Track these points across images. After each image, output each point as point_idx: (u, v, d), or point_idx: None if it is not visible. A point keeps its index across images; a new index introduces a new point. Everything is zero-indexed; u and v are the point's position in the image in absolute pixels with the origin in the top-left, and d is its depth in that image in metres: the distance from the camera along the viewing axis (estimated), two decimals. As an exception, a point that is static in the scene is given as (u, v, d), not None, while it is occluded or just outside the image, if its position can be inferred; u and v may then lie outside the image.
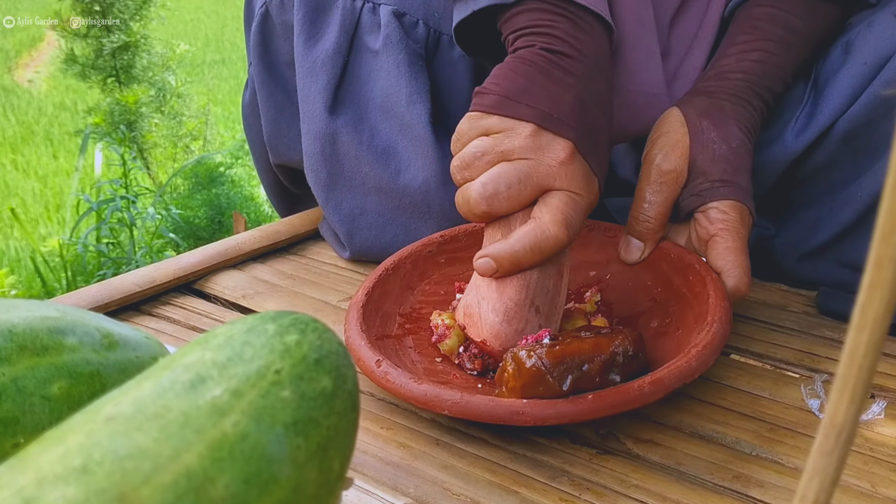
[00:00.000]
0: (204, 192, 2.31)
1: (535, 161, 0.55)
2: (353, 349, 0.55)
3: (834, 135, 0.66)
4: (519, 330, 0.56)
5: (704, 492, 0.47)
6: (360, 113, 0.73)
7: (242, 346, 0.30)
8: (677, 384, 0.49)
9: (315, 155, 0.74)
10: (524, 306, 0.56)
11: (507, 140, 0.55)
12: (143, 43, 2.58)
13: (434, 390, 0.50)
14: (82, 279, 2.08)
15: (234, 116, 3.96)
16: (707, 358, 0.51)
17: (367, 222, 0.74)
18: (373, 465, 0.49)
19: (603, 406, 0.48)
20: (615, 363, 0.51)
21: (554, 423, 0.48)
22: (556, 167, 0.55)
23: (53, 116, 4.24)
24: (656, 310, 0.61)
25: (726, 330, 0.53)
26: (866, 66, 0.64)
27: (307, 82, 0.74)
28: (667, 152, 0.61)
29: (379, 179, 0.72)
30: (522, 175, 0.55)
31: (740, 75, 0.65)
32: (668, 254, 0.62)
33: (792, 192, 0.71)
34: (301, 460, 0.28)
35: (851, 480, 0.48)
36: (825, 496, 0.20)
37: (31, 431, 0.34)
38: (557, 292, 0.57)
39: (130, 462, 0.24)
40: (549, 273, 0.56)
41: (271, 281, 0.75)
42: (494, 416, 0.48)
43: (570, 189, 0.55)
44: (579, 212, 0.55)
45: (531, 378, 0.49)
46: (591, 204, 0.57)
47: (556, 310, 0.57)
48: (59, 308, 0.39)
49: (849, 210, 0.65)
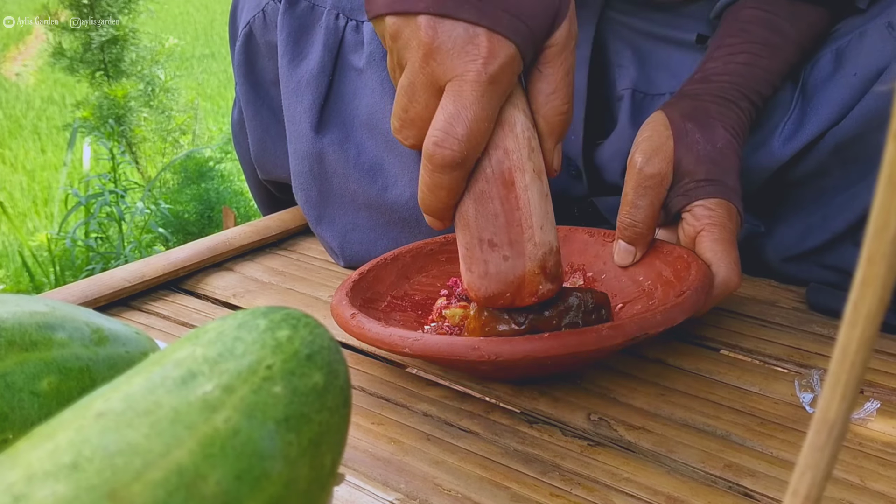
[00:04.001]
0: (193, 187, 2.30)
1: (409, 63, 0.45)
2: (335, 308, 0.56)
3: (824, 146, 0.66)
4: (482, 274, 0.49)
5: (695, 484, 0.47)
6: (347, 131, 0.73)
7: (233, 341, 0.30)
8: (637, 332, 0.48)
9: (304, 174, 0.74)
10: (474, 246, 0.49)
11: (391, 53, 0.46)
12: (132, 37, 2.56)
13: (398, 332, 0.50)
14: (71, 274, 2.07)
15: (223, 111, 3.95)
16: (673, 315, 0.50)
17: (358, 237, 0.74)
18: (364, 461, 0.49)
19: (558, 344, 0.47)
20: (575, 310, 0.51)
21: (508, 359, 0.47)
22: (426, 58, 0.44)
23: (41, 110, 4.21)
24: (642, 296, 0.61)
25: (699, 297, 0.53)
26: (857, 77, 0.64)
27: (292, 102, 0.74)
28: (650, 156, 0.61)
29: (367, 196, 0.72)
30: (406, 88, 0.45)
31: (726, 77, 0.65)
32: (660, 251, 0.62)
33: (783, 193, 0.71)
34: (293, 456, 0.28)
35: (841, 475, 0.48)
36: (817, 490, 0.20)
37: (20, 427, 0.34)
38: (514, 207, 0.47)
39: (121, 458, 0.24)
40: (487, 195, 0.47)
41: (261, 278, 0.75)
42: (452, 353, 0.48)
43: (450, 76, 0.44)
44: (467, 100, 0.44)
45: (490, 317, 0.51)
46: (489, 72, 0.43)
47: (521, 228, 0.48)
48: (48, 303, 0.38)
49: (840, 220, 0.65)
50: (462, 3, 0.43)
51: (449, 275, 0.66)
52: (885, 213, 0.17)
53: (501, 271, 0.49)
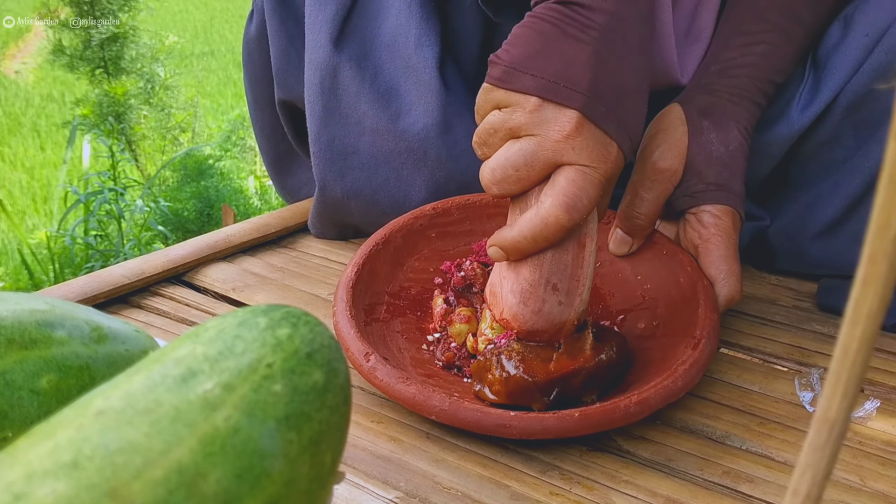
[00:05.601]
0: (193, 185, 2.30)
1: (540, 137, 0.52)
2: (342, 338, 0.55)
3: (836, 108, 0.65)
4: (536, 310, 0.54)
5: (694, 487, 0.47)
6: (366, 49, 0.72)
7: (234, 339, 0.30)
8: (662, 404, 0.50)
9: (314, 86, 0.72)
10: (539, 286, 0.54)
11: (514, 116, 0.53)
12: (132, 34, 2.56)
13: (422, 394, 0.50)
14: (70, 271, 2.07)
15: (222, 109, 3.95)
16: (693, 377, 0.51)
17: (358, 162, 0.73)
18: (363, 459, 0.49)
19: (589, 424, 0.49)
20: (599, 375, 0.52)
21: (540, 438, 0.48)
22: (562, 142, 0.52)
23: (41, 108, 4.21)
24: (644, 309, 0.61)
25: (714, 346, 0.54)
26: (867, 37, 0.64)
27: (315, 9, 0.72)
28: (664, 150, 0.61)
29: (377, 120, 0.71)
30: (528, 154, 0.52)
31: (745, 70, 0.65)
32: (660, 250, 0.62)
33: (790, 172, 0.70)
34: (293, 455, 0.28)
35: (841, 474, 0.48)
36: (817, 490, 0.20)
37: (20, 425, 0.34)
38: (579, 265, 0.55)
39: (121, 457, 0.24)
40: (565, 249, 0.54)
41: (261, 274, 0.75)
42: (482, 427, 0.49)
43: (579, 163, 0.52)
44: (590, 186, 0.52)
45: (517, 387, 0.51)
46: (608, 172, 0.53)
47: (579, 283, 0.55)
48: (47, 301, 0.38)
49: (856, 181, 0.65)
50: (609, 118, 0.52)
51: (441, 256, 0.65)
52: (886, 212, 0.17)
53: (553, 313, 0.54)
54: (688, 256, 0.60)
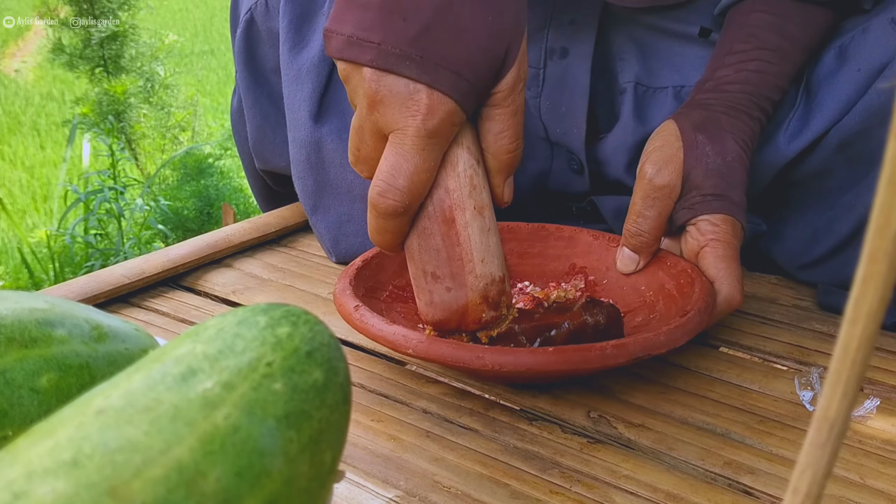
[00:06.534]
0: (193, 184, 2.30)
1: (358, 108, 0.46)
2: (337, 298, 0.55)
3: (828, 143, 0.65)
4: (428, 302, 0.52)
5: (695, 481, 0.47)
6: (346, 121, 0.73)
7: (234, 338, 0.30)
8: (641, 352, 0.49)
9: (301, 163, 0.74)
10: (419, 278, 0.52)
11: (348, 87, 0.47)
12: (132, 33, 2.56)
13: (402, 331, 0.50)
14: (70, 270, 2.07)
15: (222, 107, 3.95)
16: (676, 336, 0.51)
17: (353, 229, 0.74)
18: (363, 458, 0.49)
19: (562, 359, 0.48)
20: (584, 335, 0.52)
21: (512, 370, 0.48)
22: (371, 108, 0.45)
23: (40, 106, 4.21)
24: (643, 307, 0.61)
25: (703, 319, 0.54)
26: (860, 73, 0.64)
27: (293, 90, 0.73)
28: (660, 167, 0.61)
29: (364, 187, 0.72)
30: (356, 130, 0.46)
31: (738, 86, 0.65)
32: (664, 262, 0.62)
33: (787, 193, 0.71)
34: (293, 453, 0.28)
35: (841, 472, 0.48)
36: (817, 488, 0.20)
37: (20, 424, 0.34)
38: (454, 244, 0.50)
39: (121, 455, 0.24)
40: (430, 232, 0.50)
41: (261, 274, 0.75)
42: (456, 359, 0.49)
43: (389, 129, 0.45)
44: (404, 155, 0.45)
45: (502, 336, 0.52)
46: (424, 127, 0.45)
47: (462, 263, 0.51)
48: (47, 300, 0.38)
49: (846, 222, 0.65)
50: (404, 59, 0.44)
51: None
52: (886, 210, 0.17)
53: (445, 301, 0.52)
54: (690, 264, 0.60)
